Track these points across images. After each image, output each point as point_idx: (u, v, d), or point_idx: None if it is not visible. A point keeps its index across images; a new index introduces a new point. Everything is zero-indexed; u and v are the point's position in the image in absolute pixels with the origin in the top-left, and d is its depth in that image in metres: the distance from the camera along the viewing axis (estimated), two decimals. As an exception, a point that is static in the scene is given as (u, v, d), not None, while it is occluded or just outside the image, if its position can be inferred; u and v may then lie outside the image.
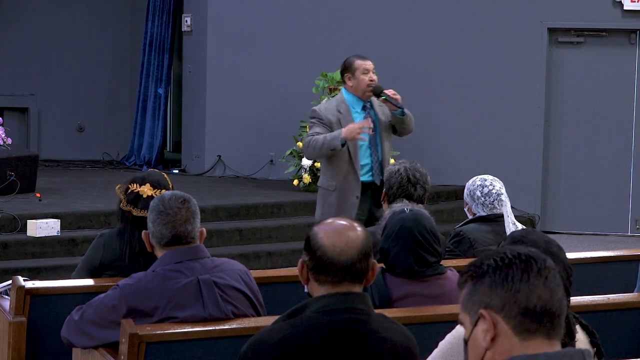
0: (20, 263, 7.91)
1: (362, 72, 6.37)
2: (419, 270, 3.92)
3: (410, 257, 3.90)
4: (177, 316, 3.56)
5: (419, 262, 3.91)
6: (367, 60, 6.41)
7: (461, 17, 11.36)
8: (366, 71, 6.37)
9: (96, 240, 4.40)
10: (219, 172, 12.21)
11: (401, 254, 3.91)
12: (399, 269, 3.92)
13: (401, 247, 3.91)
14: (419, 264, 3.91)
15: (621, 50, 11.17)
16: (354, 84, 6.41)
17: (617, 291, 4.58)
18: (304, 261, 2.90)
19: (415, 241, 3.91)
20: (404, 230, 3.92)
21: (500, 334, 2.06)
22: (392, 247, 3.93)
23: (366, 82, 6.36)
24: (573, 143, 11.25)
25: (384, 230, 4.02)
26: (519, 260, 2.09)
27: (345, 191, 6.34)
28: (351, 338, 2.81)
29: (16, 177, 9.44)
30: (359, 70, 6.38)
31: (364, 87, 6.37)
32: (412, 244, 3.91)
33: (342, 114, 6.37)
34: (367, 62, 6.40)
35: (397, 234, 3.93)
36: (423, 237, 3.92)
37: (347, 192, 6.35)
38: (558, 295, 2.08)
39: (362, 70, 6.37)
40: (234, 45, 11.98)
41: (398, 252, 3.91)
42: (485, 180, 5.23)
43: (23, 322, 4.07)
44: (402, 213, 4.01)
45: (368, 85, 6.36)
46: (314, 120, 6.41)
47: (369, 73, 6.37)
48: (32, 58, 13.47)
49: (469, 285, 2.12)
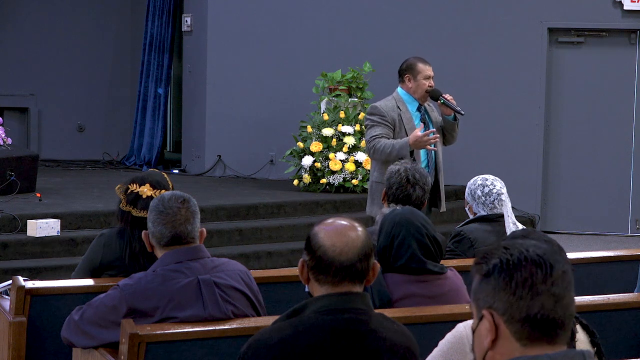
0: (20, 263, 7.90)
1: (424, 77, 6.53)
2: (423, 260, 3.91)
3: (414, 243, 3.91)
4: (177, 316, 3.56)
5: (422, 249, 3.92)
6: (429, 66, 6.58)
7: (461, 17, 11.36)
8: (427, 77, 6.53)
9: (96, 240, 4.40)
10: (219, 172, 12.21)
11: (403, 244, 3.91)
12: (403, 258, 3.90)
13: (403, 236, 3.92)
14: (423, 252, 3.92)
15: (621, 50, 11.17)
16: (413, 86, 6.55)
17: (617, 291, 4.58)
18: (304, 261, 2.90)
19: (416, 229, 3.94)
20: (403, 222, 3.96)
21: (501, 337, 2.04)
22: (396, 236, 3.93)
23: (426, 87, 6.52)
24: (573, 143, 11.26)
25: (380, 232, 4.02)
26: (525, 263, 2.03)
27: None
28: (351, 338, 2.81)
29: (16, 177, 9.44)
30: (421, 74, 6.53)
31: (422, 92, 6.53)
32: (415, 231, 3.93)
33: (402, 111, 6.52)
34: (429, 68, 6.57)
35: (397, 225, 3.95)
36: (422, 225, 3.95)
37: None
38: (565, 301, 2.02)
39: (424, 76, 6.53)
40: (234, 45, 11.98)
41: (401, 241, 3.92)
42: (486, 179, 5.24)
43: (23, 322, 4.07)
44: (394, 210, 4.07)
45: (427, 91, 6.51)
46: (375, 119, 6.51)
47: (430, 79, 6.54)
48: (32, 58, 13.47)
49: (477, 279, 2.10)
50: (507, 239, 3.12)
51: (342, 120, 10.50)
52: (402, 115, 6.49)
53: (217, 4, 12.09)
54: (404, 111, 6.52)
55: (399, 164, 5.13)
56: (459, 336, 2.94)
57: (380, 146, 6.38)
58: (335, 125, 10.54)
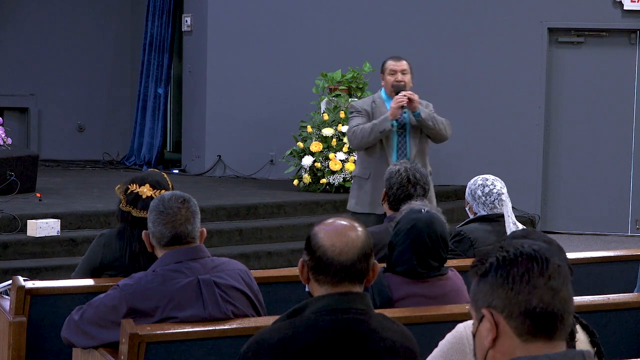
0: (20, 263, 7.90)
1: (389, 72, 6.72)
2: (421, 272, 3.91)
3: (414, 259, 3.88)
4: (177, 316, 3.55)
5: (421, 265, 3.90)
6: (399, 61, 6.75)
7: (461, 17, 11.36)
8: (393, 72, 6.70)
9: (96, 240, 4.40)
10: (219, 172, 12.21)
11: (405, 254, 3.89)
12: (401, 267, 3.91)
13: (407, 246, 3.89)
14: (422, 267, 3.90)
15: (621, 50, 11.17)
16: (385, 83, 6.78)
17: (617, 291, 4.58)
18: (304, 261, 2.90)
19: (422, 244, 3.88)
20: (414, 231, 3.89)
21: (502, 335, 2.04)
22: (400, 244, 3.91)
23: (391, 82, 6.68)
24: (573, 143, 11.25)
25: (396, 224, 4.00)
26: (521, 258, 2.04)
27: (379, 177, 6.34)
28: (351, 338, 2.81)
29: (16, 177, 9.43)
30: (387, 71, 6.75)
31: (389, 88, 6.72)
32: (419, 247, 3.88)
33: (377, 105, 6.75)
34: (397, 63, 6.73)
35: (407, 232, 3.90)
36: (431, 242, 3.88)
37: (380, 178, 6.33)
38: (562, 295, 2.04)
39: (389, 71, 6.72)
40: (234, 45, 11.98)
41: (403, 251, 3.90)
42: (487, 179, 5.24)
43: (23, 322, 4.07)
44: (418, 212, 3.95)
45: (392, 85, 6.67)
46: (352, 115, 6.81)
47: (396, 74, 6.68)
48: (32, 58, 13.47)
49: (475, 280, 2.10)
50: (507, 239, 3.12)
51: (342, 120, 10.50)
52: (375, 108, 6.72)
53: (217, 4, 12.09)
54: (379, 105, 6.73)
55: (398, 164, 5.14)
56: (459, 336, 2.94)
57: (359, 129, 6.61)
58: (335, 125, 10.54)
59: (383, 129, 6.54)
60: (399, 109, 6.53)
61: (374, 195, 6.51)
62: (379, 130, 6.55)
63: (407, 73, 6.73)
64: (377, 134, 6.55)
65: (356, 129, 6.63)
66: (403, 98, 6.52)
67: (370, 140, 6.59)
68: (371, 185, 6.63)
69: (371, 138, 6.58)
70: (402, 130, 6.71)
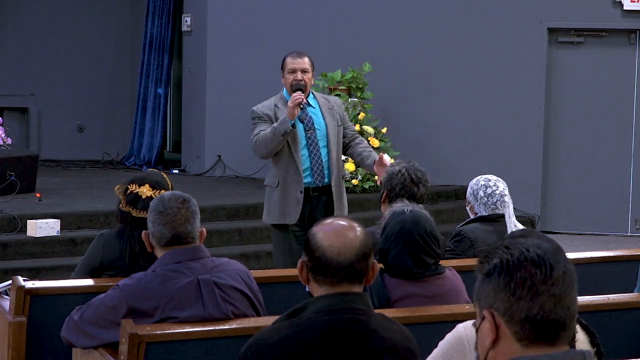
0: (20, 263, 7.90)
1: (289, 71, 6.09)
2: (417, 272, 3.91)
3: (409, 260, 3.89)
4: (177, 316, 3.56)
5: (417, 264, 3.91)
6: (299, 59, 6.10)
7: (461, 17, 11.35)
8: (292, 71, 6.06)
9: (96, 240, 4.40)
10: (219, 172, 12.20)
11: (400, 256, 3.90)
12: (398, 270, 3.92)
13: (400, 248, 3.90)
14: (417, 266, 3.91)
15: (621, 50, 11.17)
16: (284, 82, 6.15)
17: (617, 291, 4.58)
18: (303, 261, 2.90)
19: (414, 243, 3.90)
20: (403, 232, 3.91)
21: (502, 337, 2.04)
22: (392, 248, 3.92)
23: (290, 81, 6.06)
24: (573, 143, 11.25)
25: (383, 230, 4.01)
26: (525, 263, 2.02)
27: (288, 184, 6.05)
28: (351, 338, 2.81)
29: (16, 177, 9.43)
30: (286, 69, 6.11)
31: (288, 87, 6.09)
32: (412, 246, 3.89)
33: (280, 108, 6.09)
34: (297, 61, 6.08)
35: (396, 235, 3.91)
36: (422, 240, 3.90)
37: (289, 186, 6.06)
38: (566, 301, 2.01)
39: (289, 70, 6.09)
40: (234, 45, 11.98)
41: (397, 254, 3.90)
42: (489, 180, 5.22)
43: (23, 322, 4.07)
44: (402, 214, 3.98)
45: (291, 84, 6.05)
46: (253, 122, 6.13)
47: (296, 72, 6.05)
48: (32, 58, 13.46)
49: (479, 278, 2.09)
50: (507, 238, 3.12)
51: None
52: (278, 112, 6.05)
53: (217, 4, 12.09)
54: (281, 108, 6.06)
55: (397, 164, 5.08)
56: (458, 336, 2.94)
57: (261, 136, 5.97)
58: (335, 125, 10.52)
59: (284, 131, 5.88)
60: (295, 108, 5.87)
61: (282, 204, 6.04)
62: (280, 133, 5.89)
63: (308, 71, 6.07)
64: (280, 137, 5.90)
65: (258, 137, 5.98)
66: (300, 96, 5.88)
67: (275, 145, 5.95)
68: (279, 194, 6.07)
69: (275, 143, 5.93)
70: (311, 131, 6.09)
